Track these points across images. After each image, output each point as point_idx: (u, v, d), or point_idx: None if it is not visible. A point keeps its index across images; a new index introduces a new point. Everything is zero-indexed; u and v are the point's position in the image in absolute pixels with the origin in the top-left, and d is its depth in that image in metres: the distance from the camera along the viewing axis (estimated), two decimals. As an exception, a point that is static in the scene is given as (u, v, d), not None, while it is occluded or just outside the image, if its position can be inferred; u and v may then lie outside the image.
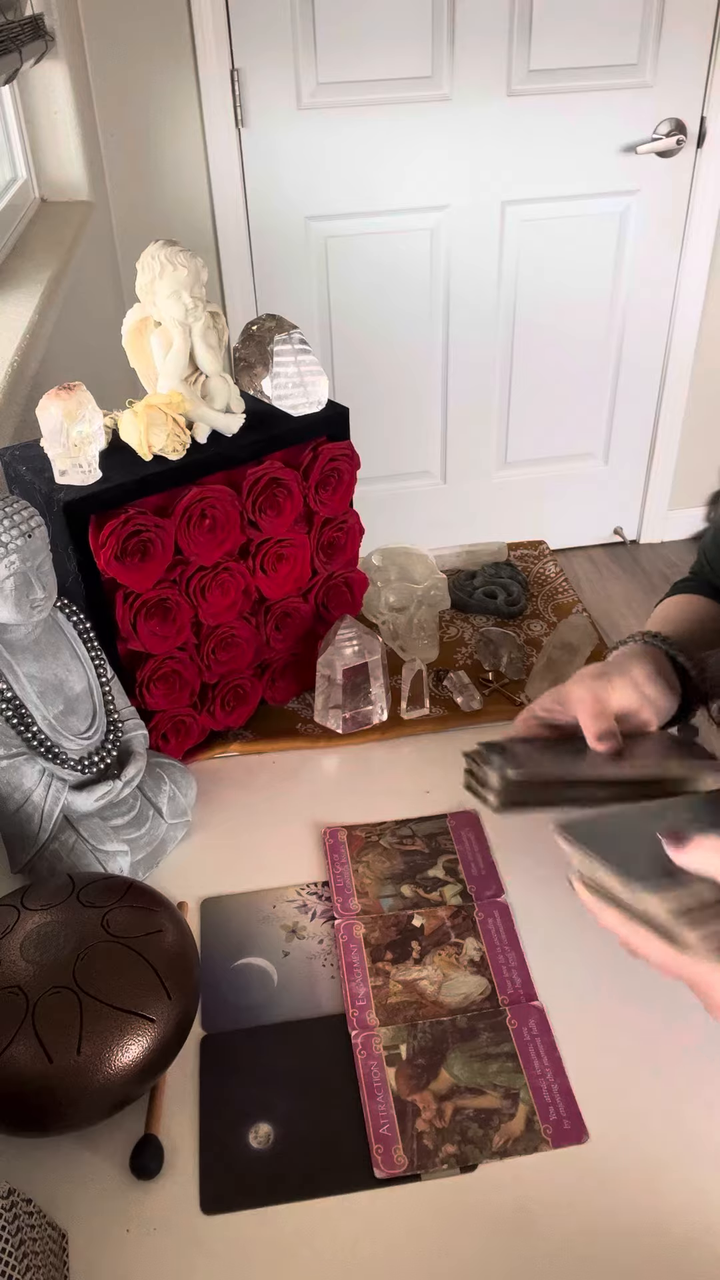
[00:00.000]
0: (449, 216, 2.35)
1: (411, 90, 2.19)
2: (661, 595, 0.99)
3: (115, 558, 0.82)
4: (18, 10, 1.57)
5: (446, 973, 0.76)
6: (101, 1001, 0.62)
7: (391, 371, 2.53)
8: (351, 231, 2.33)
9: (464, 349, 2.53)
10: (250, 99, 2.15)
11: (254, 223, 2.29)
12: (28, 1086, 0.60)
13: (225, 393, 0.88)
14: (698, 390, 2.71)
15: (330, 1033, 0.72)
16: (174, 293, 0.82)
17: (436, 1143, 0.65)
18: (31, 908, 0.67)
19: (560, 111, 2.27)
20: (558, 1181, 0.63)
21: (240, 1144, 0.66)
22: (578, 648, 1.06)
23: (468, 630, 1.14)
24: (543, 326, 2.55)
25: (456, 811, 0.91)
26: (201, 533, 0.87)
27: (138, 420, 0.82)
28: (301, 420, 0.92)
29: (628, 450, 2.79)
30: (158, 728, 0.92)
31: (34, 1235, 0.55)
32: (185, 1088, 0.69)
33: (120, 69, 2.06)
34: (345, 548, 1.00)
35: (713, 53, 2.26)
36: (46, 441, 0.80)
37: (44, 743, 0.78)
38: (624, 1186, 0.63)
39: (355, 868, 0.85)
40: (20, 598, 0.74)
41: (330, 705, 0.98)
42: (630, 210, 2.42)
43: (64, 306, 1.48)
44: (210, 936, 0.80)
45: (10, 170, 1.82)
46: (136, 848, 0.84)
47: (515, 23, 2.15)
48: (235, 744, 0.99)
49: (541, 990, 0.75)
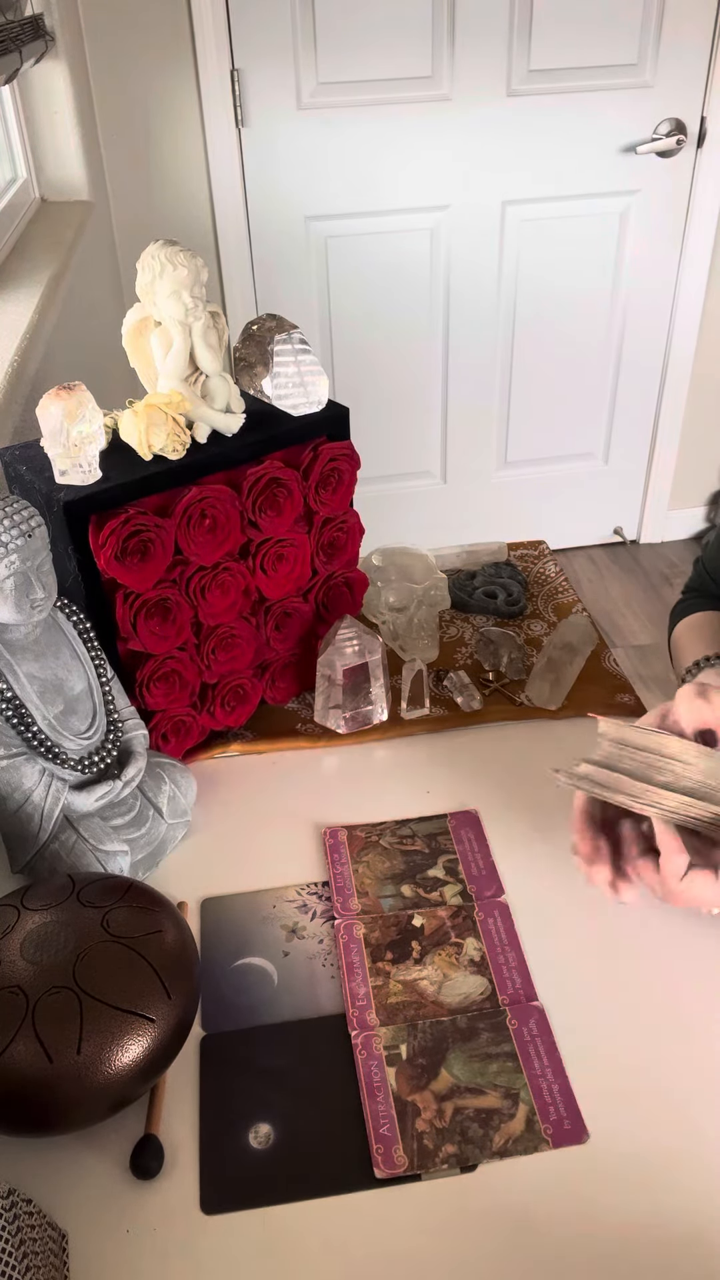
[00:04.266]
0: (449, 216, 2.35)
1: (411, 90, 2.19)
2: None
3: (115, 558, 0.82)
4: (18, 10, 1.57)
5: (446, 973, 0.76)
6: (101, 1001, 0.62)
7: (391, 371, 2.53)
8: (351, 231, 2.33)
9: (464, 349, 2.54)
10: (250, 99, 2.15)
11: (254, 223, 2.29)
12: (28, 1086, 0.60)
13: (225, 393, 0.88)
14: (697, 390, 2.71)
15: (330, 1033, 0.72)
16: (174, 292, 0.82)
17: (436, 1143, 0.65)
18: (31, 908, 0.67)
19: (560, 111, 2.27)
20: (558, 1181, 0.63)
21: (240, 1144, 0.66)
22: (578, 648, 1.06)
23: (468, 630, 1.14)
24: (543, 326, 2.55)
25: (456, 811, 0.91)
26: (201, 533, 0.87)
27: (138, 420, 0.82)
28: (301, 420, 0.92)
29: (628, 450, 2.79)
30: (158, 728, 0.92)
31: (34, 1235, 0.55)
32: (185, 1088, 0.69)
33: (120, 69, 2.06)
34: (345, 548, 1.00)
35: (713, 53, 2.26)
36: (46, 441, 0.80)
37: (44, 743, 0.78)
38: (624, 1186, 0.63)
39: (355, 868, 0.85)
40: (20, 598, 0.74)
41: (330, 705, 0.98)
42: (630, 210, 2.42)
43: (64, 306, 1.48)
44: (210, 936, 0.80)
45: (10, 170, 1.82)
46: (136, 848, 0.84)
47: (515, 23, 2.15)
48: (235, 744, 0.99)
49: (541, 990, 0.75)
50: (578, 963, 0.76)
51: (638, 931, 0.78)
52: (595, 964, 0.76)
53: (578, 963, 0.76)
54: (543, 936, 0.79)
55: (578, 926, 0.79)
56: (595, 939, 0.78)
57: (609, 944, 0.78)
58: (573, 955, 0.77)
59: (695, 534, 2.93)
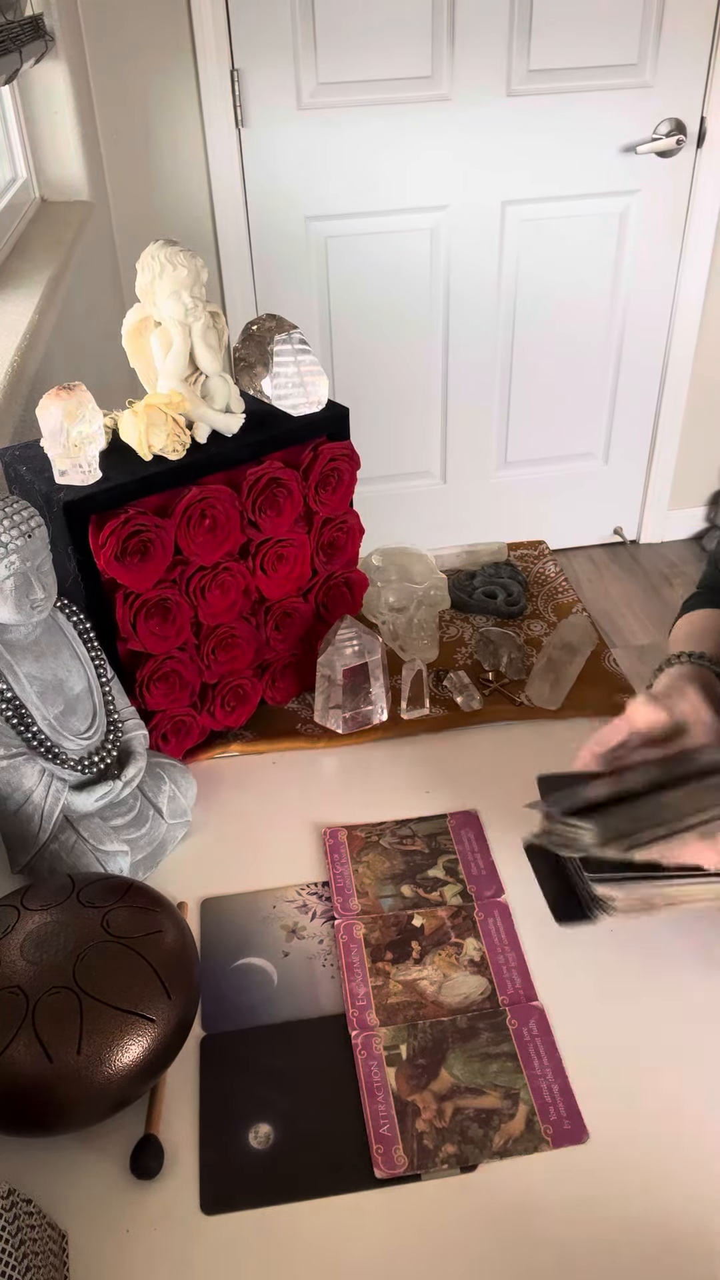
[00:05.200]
0: (449, 216, 2.35)
1: (411, 90, 2.19)
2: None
3: (115, 558, 0.82)
4: (18, 10, 1.57)
5: (446, 973, 0.76)
6: (101, 1001, 0.62)
7: (391, 371, 2.53)
8: (351, 231, 2.33)
9: (464, 349, 2.53)
10: (250, 99, 2.14)
11: (254, 223, 2.29)
12: (28, 1086, 0.60)
13: (225, 393, 0.88)
14: (697, 390, 2.71)
15: (330, 1033, 0.72)
16: (174, 293, 0.82)
17: (436, 1143, 0.65)
18: (31, 908, 0.67)
19: (560, 111, 2.27)
20: (558, 1181, 0.63)
21: (240, 1144, 0.66)
22: (578, 648, 1.06)
23: (468, 630, 1.14)
24: (543, 326, 2.54)
25: (456, 811, 0.91)
26: (201, 533, 0.87)
27: (138, 420, 0.82)
28: (301, 420, 0.92)
29: (628, 450, 2.79)
30: (158, 728, 0.92)
31: (34, 1235, 0.55)
32: (185, 1088, 0.69)
33: (120, 69, 2.06)
34: (345, 548, 1.00)
35: (713, 53, 2.26)
36: (46, 441, 0.80)
37: (44, 743, 0.78)
38: (624, 1186, 0.63)
39: (355, 868, 0.85)
40: (20, 598, 0.74)
41: (330, 705, 0.98)
42: (630, 210, 2.42)
43: (64, 306, 1.48)
44: (210, 936, 0.80)
45: (10, 170, 1.82)
46: (136, 848, 0.84)
47: (515, 23, 2.15)
48: (235, 744, 0.99)
49: (541, 990, 0.75)
50: (578, 963, 0.76)
51: (638, 931, 0.78)
52: (595, 964, 0.76)
53: (578, 963, 0.76)
54: (543, 936, 0.79)
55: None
56: (595, 939, 0.78)
57: (609, 944, 0.78)
58: (573, 955, 0.77)
59: (695, 534, 2.93)
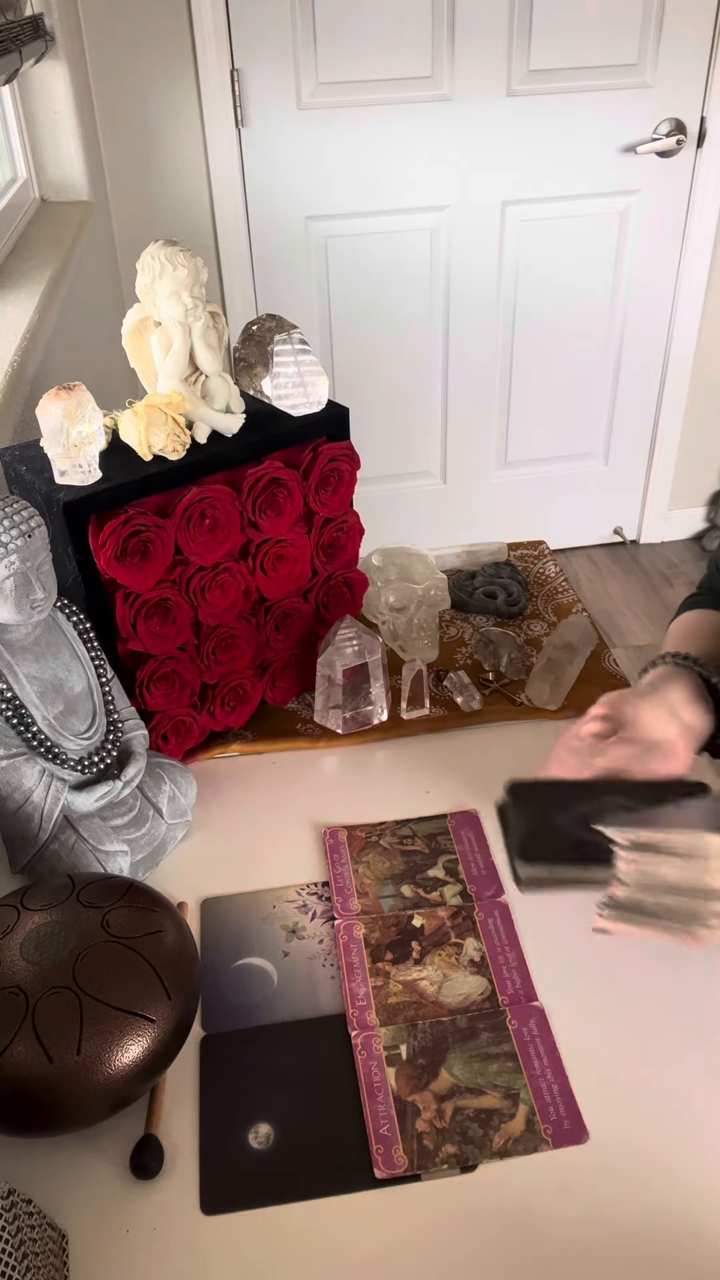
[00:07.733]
0: (449, 216, 2.35)
1: (411, 90, 2.19)
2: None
3: (115, 558, 0.82)
4: (18, 10, 1.57)
5: (446, 973, 0.76)
6: (101, 1001, 0.62)
7: (391, 371, 2.53)
8: (351, 231, 2.33)
9: (464, 349, 2.53)
10: (250, 99, 2.14)
11: (254, 223, 2.29)
12: (28, 1086, 0.60)
13: (225, 393, 0.88)
14: (697, 390, 2.71)
15: (330, 1033, 0.72)
16: (174, 293, 0.82)
17: (436, 1143, 0.65)
18: (31, 908, 0.67)
19: (560, 111, 2.27)
20: (558, 1181, 0.63)
21: (240, 1144, 0.66)
22: (578, 648, 1.06)
23: (468, 630, 1.14)
24: (543, 326, 2.54)
25: (456, 811, 0.91)
26: (201, 533, 0.87)
27: (138, 420, 0.82)
28: (301, 420, 0.92)
29: (628, 450, 2.79)
30: (158, 728, 0.92)
31: (34, 1235, 0.55)
32: (185, 1088, 0.69)
33: (120, 69, 2.06)
34: (345, 548, 1.00)
35: (713, 53, 2.26)
36: (46, 441, 0.80)
37: (44, 743, 0.78)
38: (624, 1186, 0.63)
39: (355, 868, 0.85)
40: (20, 598, 0.74)
41: (330, 705, 0.98)
42: (630, 210, 2.42)
43: (64, 306, 1.48)
44: (210, 936, 0.80)
45: (10, 170, 1.82)
46: (136, 848, 0.84)
47: (515, 23, 2.15)
48: (235, 744, 0.99)
49: (541, 990, 0.75)
50: (578, 963, 0.76)
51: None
52: (595, 964, 0.76)
53: (578, 963, 0.76)
54: (543, 936, 0.79)
55: (578, 926, 0.79)
56: (595, 939, 0.78)
57: (609, 944, 0.77)
58: (573, 955, 0.77)
59: (695, 534, 2.93)
